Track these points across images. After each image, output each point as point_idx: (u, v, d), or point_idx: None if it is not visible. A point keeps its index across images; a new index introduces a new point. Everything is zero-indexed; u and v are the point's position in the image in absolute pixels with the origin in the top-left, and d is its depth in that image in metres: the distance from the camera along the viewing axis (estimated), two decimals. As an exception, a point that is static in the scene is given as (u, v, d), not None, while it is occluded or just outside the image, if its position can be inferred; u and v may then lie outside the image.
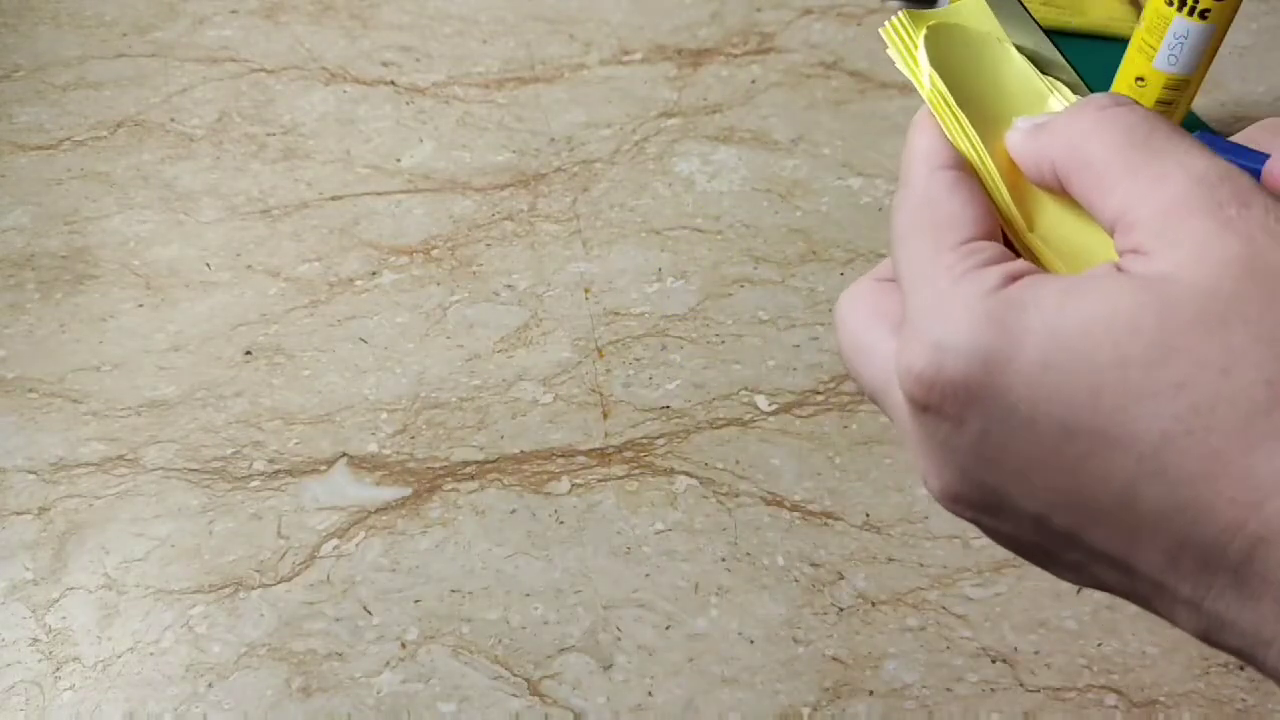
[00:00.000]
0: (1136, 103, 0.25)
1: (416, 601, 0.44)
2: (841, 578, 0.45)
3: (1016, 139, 0.27)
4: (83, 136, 0.64)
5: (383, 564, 0.45)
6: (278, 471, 0.48)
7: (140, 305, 0.55)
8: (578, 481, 0.48)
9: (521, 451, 0.49)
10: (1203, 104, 0.66)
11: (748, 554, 0.46)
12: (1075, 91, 0.30)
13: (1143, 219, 0.22)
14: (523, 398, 0.51)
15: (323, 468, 0.48)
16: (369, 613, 0.44)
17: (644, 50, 0.70)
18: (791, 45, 0.71)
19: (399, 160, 0.63)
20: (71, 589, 0.44)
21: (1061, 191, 0.26)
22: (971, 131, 0.27)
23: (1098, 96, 0.25)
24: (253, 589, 0.44)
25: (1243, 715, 0.41)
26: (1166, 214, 0.22)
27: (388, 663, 0.42)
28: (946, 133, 0.28)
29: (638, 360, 0.53)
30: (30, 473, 0.48)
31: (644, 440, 0.50)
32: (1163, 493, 0.21)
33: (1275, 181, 0.26)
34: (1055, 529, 0.23)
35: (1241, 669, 0.43)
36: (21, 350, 0.53)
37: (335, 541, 0.46)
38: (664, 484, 0.48)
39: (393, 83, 0.68)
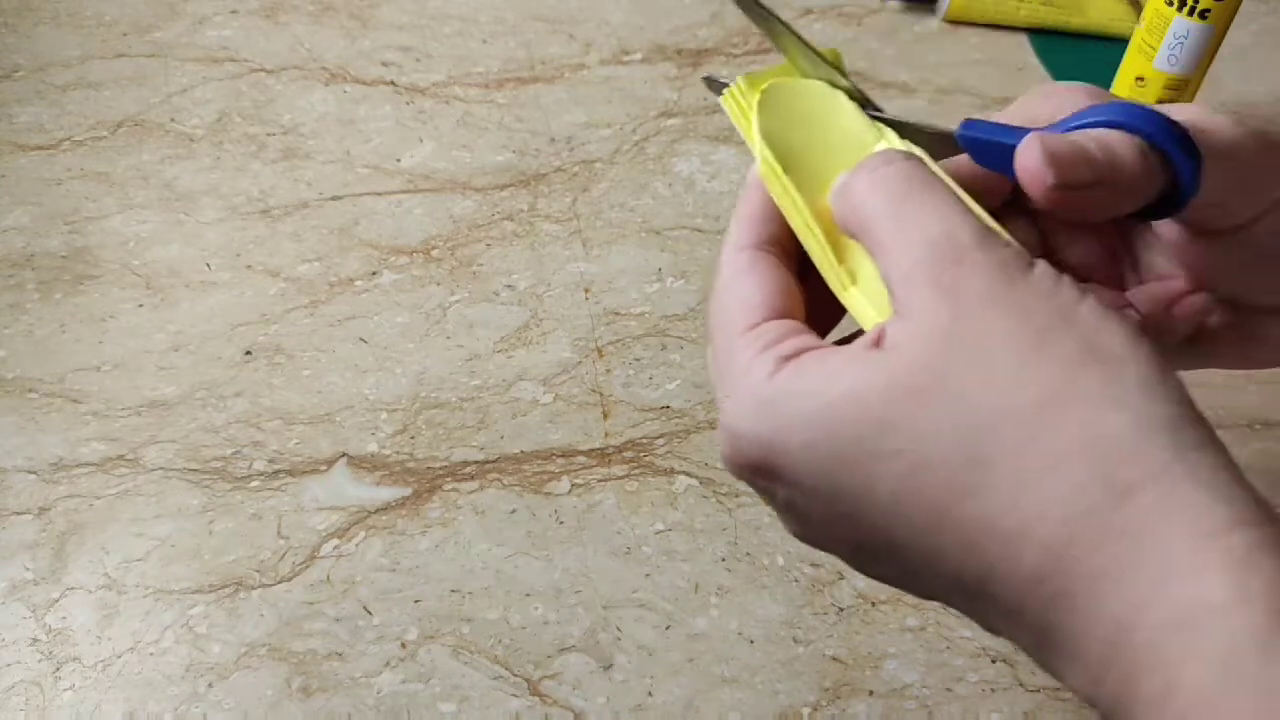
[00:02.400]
0: (906, 155, 0.27)
1: (416, 601, 0.44)
2: (841, 578, 0.45)
3: (830, 199, 0.29)
4: (83, 136, 0.64)
5: (383, 564, 0.45)
6: (278, 471, 0.48)
7: (140, 305, 0.55)
8: (578, 481, 0.48)
9: (521, 451, 0.49)
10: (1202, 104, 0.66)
11: (748, 554, 0.46)
12: (902, 132, 0.31)
13: (894, 285, 0.25)
14: (523, 398, 0.51)
15: (323, 468, 0.48)
16: (369, 613, 0.44)
17: (644, 50, 0.70)
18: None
19: (399, 160, 0.63)
20: (71, 589, 0.44)
21: None
22: (799, 198, 0.28)
23: (875, 155, 0.27)
24: (253, 589, 0.44)
25: (1243, 715, 0.41)
26: (903, 282, 0.25)
27: (388, 663, 0.42)
28: (776, 200, 0.29)
29: (638, 360, 0.53)
30: (30, 473, 0.48)
31: (644, 440, 0.50)
32: (912, 539, 0.24)
33: (1021, 164, 0.28)
34: (886, 574, 0.26)
35: (1241, 669, 0.43)
36: (21, 350, 0.53)
37: (335, 541, 0.46)
38: (664, 484, 0.48)
39: (393, 83, 0.68)
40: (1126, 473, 0.21)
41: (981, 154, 0.30)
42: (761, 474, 0.26)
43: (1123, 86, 0.63)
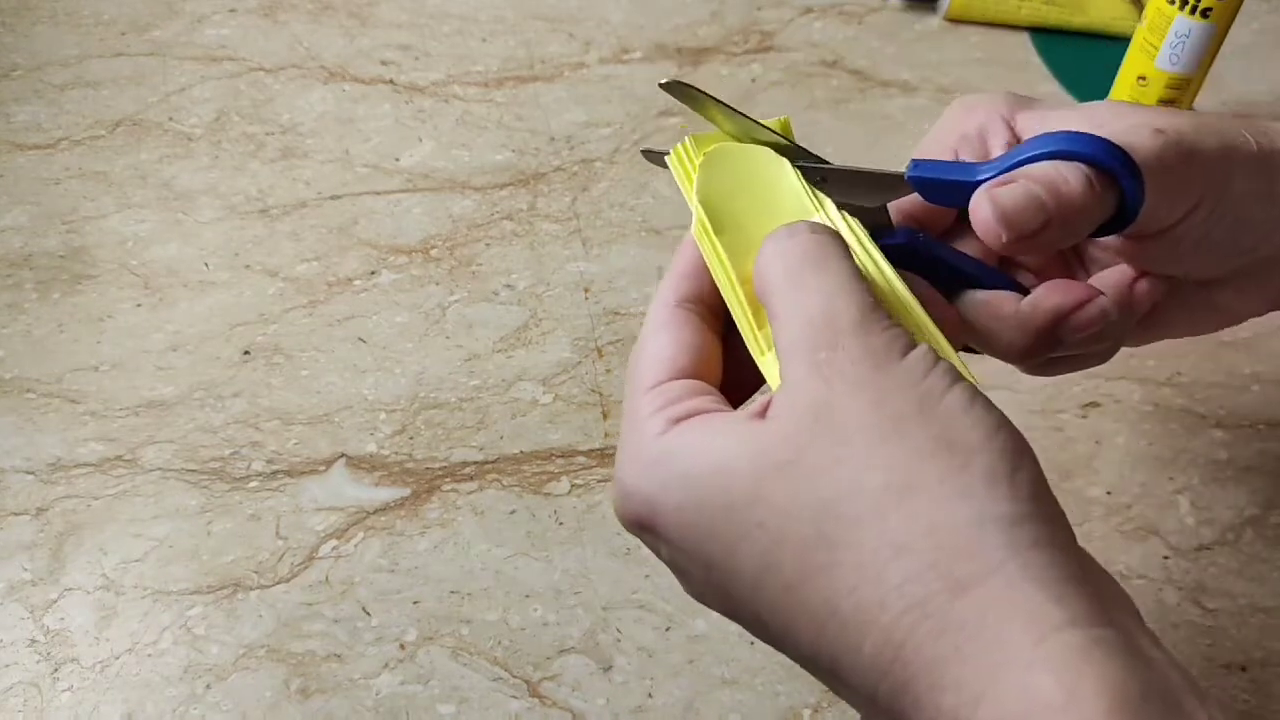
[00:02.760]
0: (814, 228, 0.28)
1: (415, 603, 0.44)
2: (842, 579, 0.45)
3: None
4: (81, 136, 0.64)
5: (381, 565, 0.45)
6: (276, 472, 0.48)
7: (138, 305, 0.55)
8: (577, 482, 0.48)
9: (521, 452, 0.49)
10: (1204, 103, 0.66)
11: (748, 555, 0.45)
12: (851, 181, 0.32)
13: (780, 356, 0.26)
14: (522, 398, 0.51)
15: (321, 468, 0.48)
16: (368, 614, 0.44)
17: (644, 49, 0.70)
18: (792, 44, 0.71)
19: (398, 159, 0.63)
20: (69, 590, 0.44)
21: None
22: (726, 260, 0.29)
23: (784, 227, 0.28)
24: (251, 590, 0.44)
25: (1245, 717, 0.41)
26: (785, 354, 0.26)
27: (387, 664, 0.42)
28: (706, 260, 0.30)
29: (637, 360, 0.53)
30: (28, 473, 0.48)
31: (644, 440, 0.49)
32: (773, 614, 0.24)
33: (976, 220, 0.29)
34: (765, 640, 0.27)
35: (1243, 669, 0.42)
36: (19, 350, 0.53)
37: (334, 542, 0.46)
38: (664, 484, 0.48)
39: (392, 81, 0.68)
40: (964, 566, 0.21)
41: (931, 193, 0.31)
42: (646, 531, 0.27)
43: (1124, 86, 0.63)
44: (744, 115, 0.32)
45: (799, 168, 0.32)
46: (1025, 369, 0.34)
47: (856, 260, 0.28)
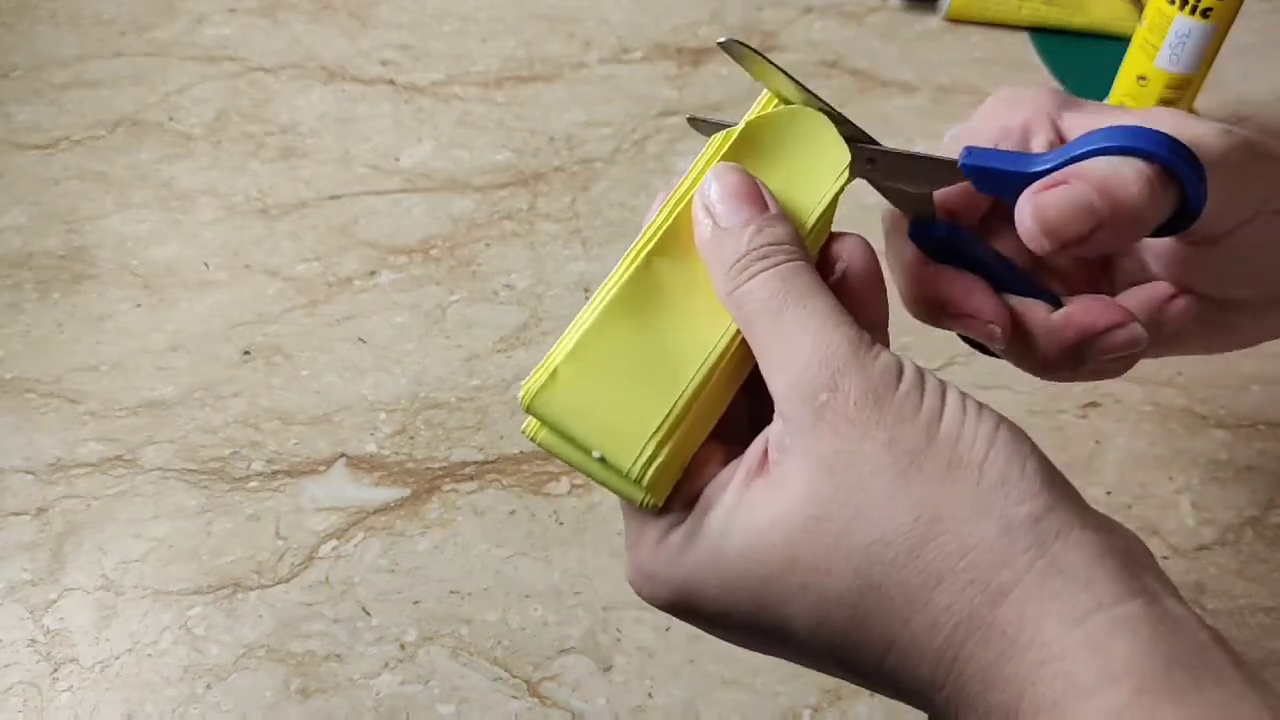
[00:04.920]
0: (786, 247, 0.28)
1: (415, 603, 0.44)
2: (842, 579, 0.45)
3: (723, 276, 0.29)
4: (80, 136, 0.64)
5: (381, 565, 0.45)
6: (276, 472, 0.48)
7: (138, 305, 0.55)
8: (577, 482, 0.48)
9: (521, 452, 0.49)
10: (1205, 103, 0.66)
11: (748, 555, 0.45)
12: (900, 163, 0.32)
13: (775, 395, 0.26)
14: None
15: (321, 468, 0.48)
16: (368, 614, 0.44)
17: (644, 49, 0.70)
18: (792, 44, 0.71)
19: (398, 159, 0.63)
20: (69, 590, 0.44)
21: None
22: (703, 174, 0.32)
23: (756, 250, 0.28)
24: (251, 590, 0.44)
25: (1245, 717, 0.41)
26: (782, 407, 0.26)
27: (387, 664, 0.42)
28: (696, 163, 0.32)
29: (637, 360, 0.53)
30: (28, 473, 0.48)
31: (644, 440, 0.49)
32: (835, 661, 0.26)
33: (1020, 226, 0.28)
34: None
35: (1244, 670, 0.42)
36: (19, 350, 0.53)
37: (334, 542, 0.46)
38: (664, 484, 0.48)
39: (392, 81, 0.68)
40: (999, 576, 0.23)
41: (983, 182, 0.30)
42: (670, 610, 0.28)
43: (1125, 85, 0.63)
44: (806, 89, 0.31)
45: (849, 143, 0.32)
46: (1042, 377, 0.33)
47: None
